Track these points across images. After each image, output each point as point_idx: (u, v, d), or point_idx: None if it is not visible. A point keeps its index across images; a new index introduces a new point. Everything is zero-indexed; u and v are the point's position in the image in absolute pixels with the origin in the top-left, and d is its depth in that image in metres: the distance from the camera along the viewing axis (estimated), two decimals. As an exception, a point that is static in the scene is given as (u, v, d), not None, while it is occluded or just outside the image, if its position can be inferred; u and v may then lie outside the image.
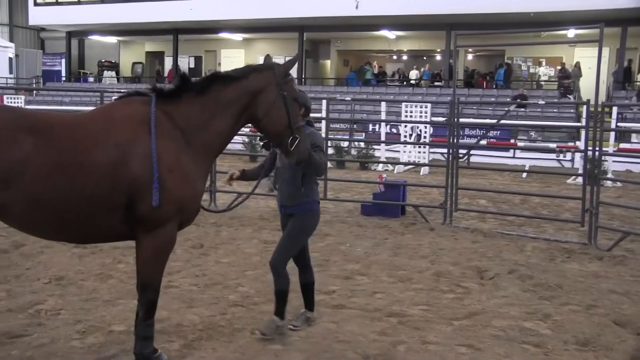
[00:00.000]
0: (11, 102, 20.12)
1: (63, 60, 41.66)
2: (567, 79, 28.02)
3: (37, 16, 37.30)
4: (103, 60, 41.08)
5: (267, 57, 4.69)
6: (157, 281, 4.34)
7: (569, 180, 17.11)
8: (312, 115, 5.42)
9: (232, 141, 4.68)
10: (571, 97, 26.74)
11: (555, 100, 25.89)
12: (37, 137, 3.88)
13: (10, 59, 39.41)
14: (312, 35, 35.06)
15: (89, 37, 40.78)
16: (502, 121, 18.10)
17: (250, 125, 4.73)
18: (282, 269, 5.27)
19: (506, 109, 23.01)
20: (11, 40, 43.07)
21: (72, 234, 4.27)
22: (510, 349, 5.11)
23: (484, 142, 19.61)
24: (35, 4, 36.55)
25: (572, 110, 25.90)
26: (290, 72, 4.61)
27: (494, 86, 31.12)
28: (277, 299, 5.32)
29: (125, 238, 4.35)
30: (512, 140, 21.41)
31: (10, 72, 38.88)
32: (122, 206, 4.05)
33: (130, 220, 4.12)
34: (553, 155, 20.25)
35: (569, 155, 20.09)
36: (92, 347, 4.89)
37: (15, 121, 3.89)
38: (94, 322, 5.38)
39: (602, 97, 23.76)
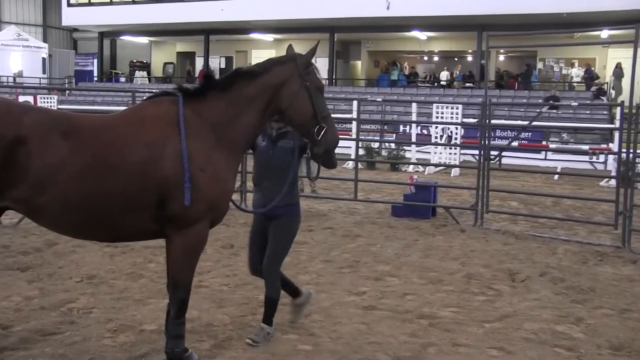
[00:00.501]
0: (44, 102, 20.42)
1: (95, 61, 42.20)
2: (592, 80, 27.62)
3: (70, 17, 37.86)
4: (134, 61, 41.52)
5: (290, 48, 4.67)
6: (188, 280, 4.36)
7: (602, 183, 16.84)
8: (343, 115, 5.38)
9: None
10: (604, 98, 26.34)
11: (587, 101, 25.54)
12: (70, 140, 3.92)
13: (43, 59, 40.03)
14: (342, 36, 35.06)
15: (121, 38, 41.25)
16: (534, 123, 17.89)
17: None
18: (276, 274, 5.15)
19: (538, 110, 22.77)
20: (45, 40, 43.78)
21: (104, 234, 4.32)
22: (542, 352, 5.05)
23: (515, 143, 19.44)
24: (69, 5, 37.10)
25: (605, 112, 25.50)
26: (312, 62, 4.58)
27: (526, 87, 30.82)
28: (267, 306, 5.15)
29: (156, 237, 4.39)
30: (544, 142, 21.16)
31: (44, 72, 39.48)
32: (153, 205, 4.08)
33: (161, 220, 4.14)
34: (585, 158, 19.93)
35: (602, 158, 19.78)
36: (123, 345, 4.93)
37: (49, 124, 3.92)
38: (125, 321, 5.42)
39: (637, 99, 23.36)
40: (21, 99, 18.87)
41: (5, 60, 38.09)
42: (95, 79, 40.94)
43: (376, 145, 19.97)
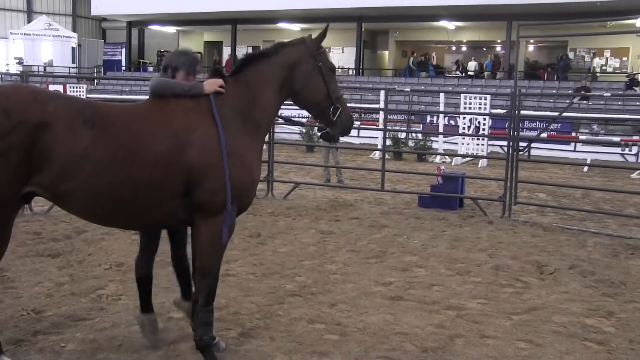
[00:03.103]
0: (74, 91, 20.61)
1: (123, 50, 42.61)
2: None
3: (99, 7, 38.26)
4: (162, 50, 41.71)
5: (308, 37, 4.69)
6: (216, 268, 4.36)
7: (634, 175, 16.60)
8: (370, 105, 5.36)
9: (289, 131, 4.71)
10: (637, 89, 25.88)
11: (620, 92, 25.12)
12: (96, 129, 3.93)
13: (73, 48, 40.52)
14: (370, 25, 34.92)
15: (149, 27, 41.54)
16: (565, 114, 17.67)
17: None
18: None
19: (567, 101, 22.45)
20: (74, 30, 44.25)
21: (131, 222, 4.36)
22: (572, 345, 4.99)
23: (544, 134, 19.21)
24: (98, -5, 37.49)
25: (637, 103, 25.07)
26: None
27: (555, 78, 30.41)
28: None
29: (184, 225, 4.42)
30: (574, 134, 20.88)
31: (73, 62, 39.96)
32: (180, 194, 4.09)
33: (189, 207, 4.15)
34: (616, 149, 19.65)
35: (634, 149, 19.49)
36: (152, 332, 4.96)
37: (74, 112, 3.94)
38: (154, 308, 5.45)
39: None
40: (51, 88, 19.09)
41: (37, 50, 38.65)
42: (124, 68, 41.29)
43: (403, 135, 19.89)
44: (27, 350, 4.57)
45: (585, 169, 17.67)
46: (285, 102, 4.59)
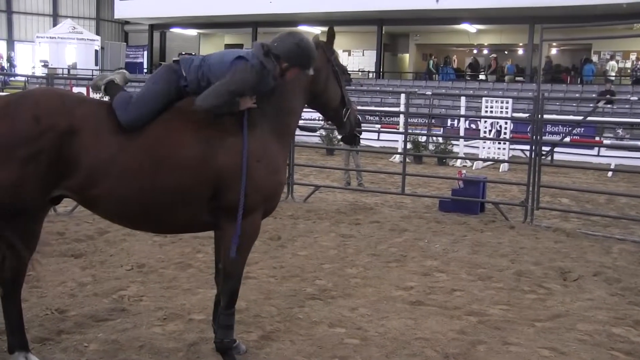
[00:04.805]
0: (97, 94, 20.82)
1: (145, 53, 42.97)
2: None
3: (122, 10, 38.65)
4: (183, 53, 41.92)
5: (316, 37, 4.67)
6: (240, 271, 4.37)
7: (659, 181, 16.38)
8: (390, 109, 5.37)
9: (309, 134, 4.75)
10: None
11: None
12: (123, 134, 3.96)
13: (96, 51, 40.98)
14: (390, 28, 34.87)
15: (170, 30, 41.85)
16: (589, 118, 17.46)
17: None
18: None
19: (591, 105, 22.21)
20: (97, 33, 44.78)
21: (159, 226, 4.37)
22: (598, 355, 4.89)
23: (567, 139, 19.02)
24: (121, -1, 37.87)
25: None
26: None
27: (579, 81, 30.09)
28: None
29: (210, 228, 4.42)
30: (598, 138, 20.65)
31: (96, 64, 40.36)
32: (208, 197, 4.11)
33: (215, 211, 4.17)
34: (642, 154, 19.39)
35: (660, 154, 19.21)
36: (172, 334, 4.97)
37: (102, 117, 3.96)
38: (174, 309, 5.47)
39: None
40: (75, 90, 19.25)
41: (61, 53, 39.13)
42: (145, 70, 41.57)
43: (424, 139, 19.80)
44: (52, 349, 4.60)
45: (610, 174, 17.48)
46: None
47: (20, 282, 4.21)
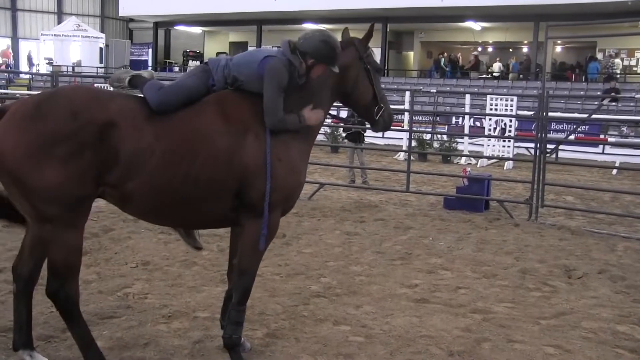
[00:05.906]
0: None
1: (150, 50, 43.02)
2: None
3: (127, 7, 38.70)
4: (188, 50, 42.08)
5: (345, 31, 4.67)
6: (255, 268, 4.40)
7: (664, 178, 16.34)
8: (395, 106, 5.36)
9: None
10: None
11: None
12: (157, 126, 3.97)
13: (100, 49, 41.00)
14: (395, 26, 34.82)
15: (175, 28, 41.88)
16: (594, 116, 17.43)
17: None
18: None
19: (596, 103, 22.17)
20: (102, 31, 44.79)
21: (187, 220, 4.36)
22: (603, 352, 4.89)
23: (571, 136, 18.99)
24: (126, -4, 37.90)
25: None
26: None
27: (584, 79, 30.00)
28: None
29: (231, 224, 4.47)
30: (602, 136, 20.60)
31: (101, 62, 40.40)
32: (234, 193, 4.13)
33: (238, 208, 4.19)
34: (646, 152, 19.36)
35: (665, 152, 19.17)
36: (177, 331, 4.98)
37: (135, 110, 3.98)
38: (179, 307, 5.48)
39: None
40: (79, 87, 19.29)
41: (66, 50, 39.17)
42: (150, 68, 41.56)
43: (428, 136, 19.80)
44: (57, 347, 4.62)
45: (614, 171, 17.45)
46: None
47: (35, 279, 4.23)
